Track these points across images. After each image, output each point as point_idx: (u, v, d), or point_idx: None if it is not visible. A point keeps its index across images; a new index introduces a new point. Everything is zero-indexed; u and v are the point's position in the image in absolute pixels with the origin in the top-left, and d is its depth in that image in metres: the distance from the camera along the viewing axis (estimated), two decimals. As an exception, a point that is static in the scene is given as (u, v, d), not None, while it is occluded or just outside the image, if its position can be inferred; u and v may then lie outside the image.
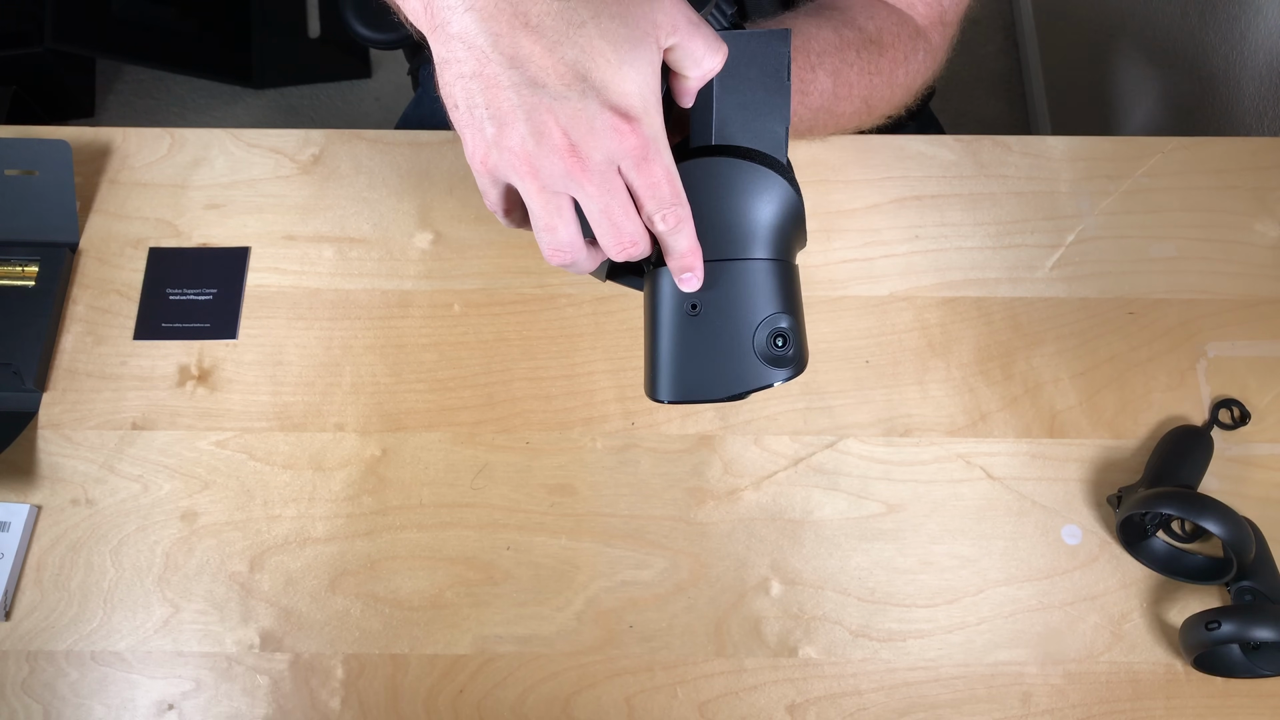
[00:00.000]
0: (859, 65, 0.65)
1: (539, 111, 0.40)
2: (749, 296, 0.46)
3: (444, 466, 0.72)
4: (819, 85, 0.64)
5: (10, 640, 0.67)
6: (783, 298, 0.46)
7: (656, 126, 0.41)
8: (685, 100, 0.45)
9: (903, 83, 0.69)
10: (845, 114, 0.67)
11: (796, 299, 0.47)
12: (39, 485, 0.71)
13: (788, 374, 0.46)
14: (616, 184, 0.42)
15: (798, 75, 0.62)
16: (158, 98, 1.77)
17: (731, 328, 0.46)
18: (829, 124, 0.67)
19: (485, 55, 0.39)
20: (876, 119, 0.70)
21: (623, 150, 0.41)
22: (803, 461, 0.72)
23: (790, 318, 0.46)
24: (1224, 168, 0.82)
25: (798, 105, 0.63)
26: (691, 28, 0.40)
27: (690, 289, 0.46)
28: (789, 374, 0.46)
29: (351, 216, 0.80)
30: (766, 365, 0.46)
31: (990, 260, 0.79)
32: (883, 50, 0.66)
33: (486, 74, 0.40)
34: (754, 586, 0.69)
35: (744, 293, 0.46)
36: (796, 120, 0.64)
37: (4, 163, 0.75)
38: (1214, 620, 0.63)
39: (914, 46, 0.68)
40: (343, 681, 0.66)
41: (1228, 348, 0.76)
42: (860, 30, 0.66)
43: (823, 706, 0.66)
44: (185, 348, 0.75)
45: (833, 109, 0.66)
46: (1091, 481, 0.72)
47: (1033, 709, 0.66)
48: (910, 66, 0.69)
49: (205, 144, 0.82)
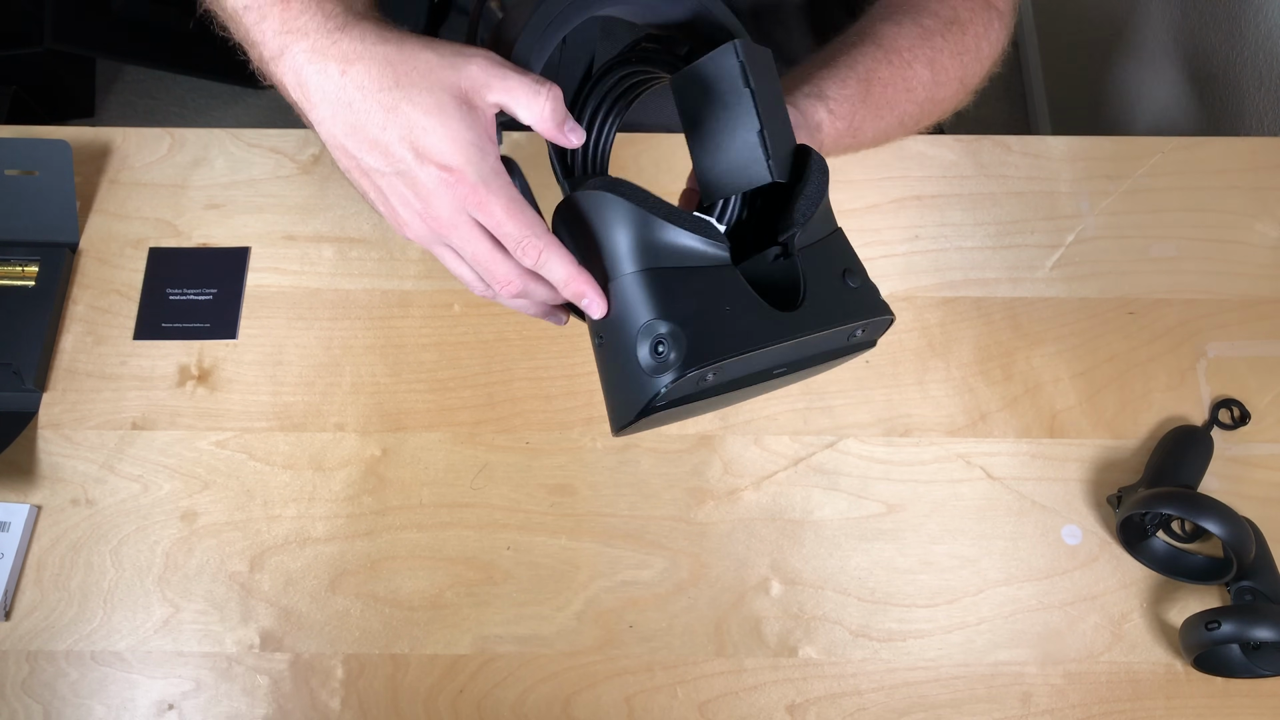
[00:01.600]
0: (948, 49, 0.67)
1: (395, 188, 0.46)
2: (625, 313, 0.46)
3: (444, 466, 0.72)
4: (920, 78, 0.66)
5: (10, 640, 0.67)
6: (656, 304, 0.45)
7: (483, 171, 0.44)
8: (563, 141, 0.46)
9: (988, 54, 0.71)
10: (946, 99, 0.69)
11: (678, 300, 0.45)
12: (39, 485, 0.71)
13: (670, 377, 0.44)
14: (474, 232, 0.46)
15: (900, 75, 0.65)
16: (158, 98, 1.77)
17: (622, 347, 0.46)
18: (934, 111, 0.69)
19: (346, 151, 0.46)
20: (970, 96, 0.72)
21: (458, 199, 0.45)
22: (803, 461, 0.72)
23: (669, 322, 0.44)
24: (1224, 168, 0.82)
25: (907, 104, 0.65)
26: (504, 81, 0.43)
27: (596, 315, 0.47)
28: (671, 377, 0.44)
29: (351, 216, 0.80)
30: (651, 376, 0.45)
31: (990, 260, 0.79)
32: (964, 29, 0.68)
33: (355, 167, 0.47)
34: (754, 586, 0.69)
35: (622, 311, 0.46)
36: (909, 119, 0.66)
37: (4, 163, 0.75)
38: (1214, 620, 0.63)
39: (989, 18, 0.70)
40: (343, 681, 0.66)
41: (1228, 348, 0.76)
42: (937, 16, 0.68)
43: (823, 706, 0.66)
44: (185, 348, 0.75)
45: (935, 97, 0.67)
46: (1091, 481, 0.72)
47: (1033, 709, 0.66)
48: (991, 37, 0.71)
49: (205, 144, 0.82)
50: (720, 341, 0.44)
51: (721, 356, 0.44)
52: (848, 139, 0.63)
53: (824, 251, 0.49)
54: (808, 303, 0.46)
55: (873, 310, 0.49)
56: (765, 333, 0.45)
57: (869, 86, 0.63)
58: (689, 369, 0.43)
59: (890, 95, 0.65)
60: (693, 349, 0.44)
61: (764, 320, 0.45)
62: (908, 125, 0.67)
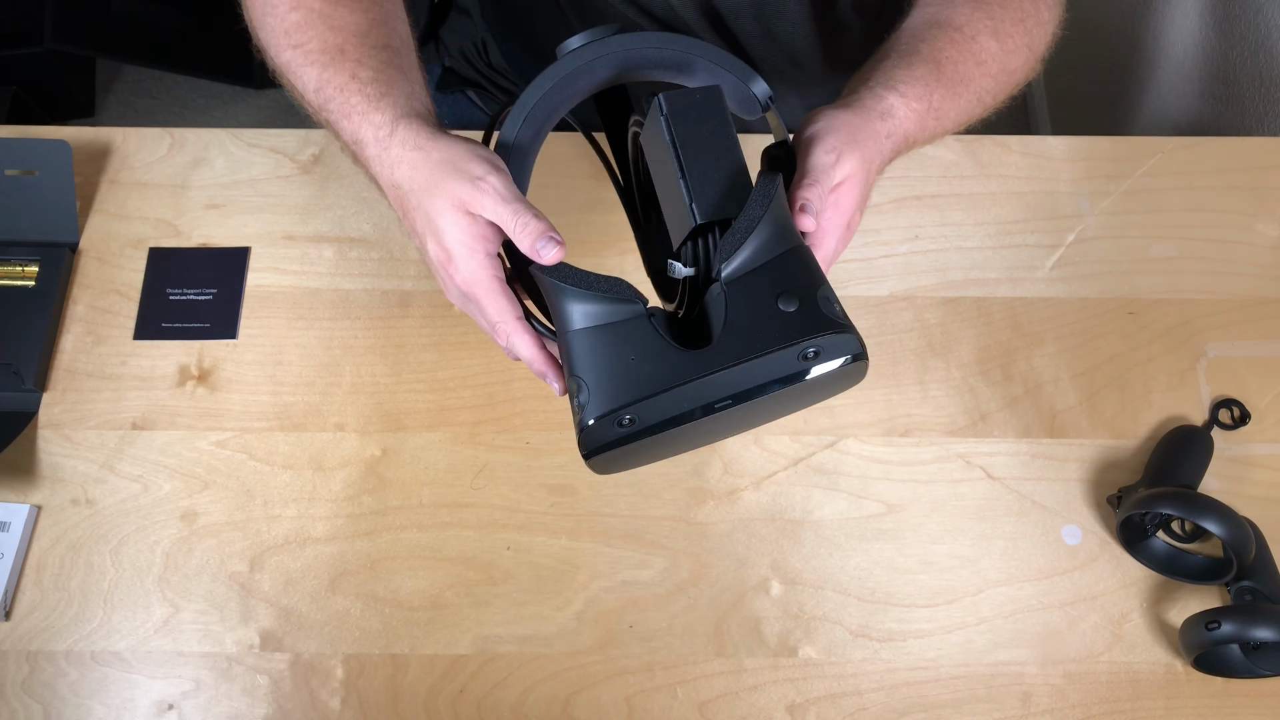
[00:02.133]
0: (1009, 17, 0.67)
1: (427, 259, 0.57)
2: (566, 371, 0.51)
3: (444, 466, 0.72)
4: (987, 50, 0.65)
5: (10, 640, 0.67)
6: (572, 362, 0.50)
7: (470, 266, 0.53)
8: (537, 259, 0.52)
9: (1048, 18, 0.70)
10: (1018, 68, 0.68)
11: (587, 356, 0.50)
12: (39, 485, 0.71)
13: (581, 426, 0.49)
14: (472, 308, 0.56)
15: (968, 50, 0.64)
16: (158, 98, 1.77)
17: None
18: (1009, 83, 0.68)
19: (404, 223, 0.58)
20: (1039, 63, 0.71)
21: (456, 285, 0.55)
22: (803, 461, 0.72)
23: (578, 377, 0.50)
24: (1224, 168, 0.82)
25: (981, 77, 0.65)
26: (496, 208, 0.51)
27: (557, 392, 0.56)
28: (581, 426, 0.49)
29: (351, 216, 0.80)
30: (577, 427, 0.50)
31: (990, 260, 0.79)
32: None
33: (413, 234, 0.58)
34: (754, 586, 0.69)
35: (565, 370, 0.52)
36: (986, 94, 0.66)
37: (4, 163, 0.75)
38: (1214, 620, 0.63)
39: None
40: (343, 681, 0.66)
41: (1228, 348, 0.76)
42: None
43: (823, 706, 0.66)
44: (185, 348, 0.75)
45: (1007, 67, 0.67)
46: (1091, 481, 0.72)
47: (1033, 709, 0.66)
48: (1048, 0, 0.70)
49: (205, 144, 0.82)
50: (624, 390, 0.48)
51: (624, 403, 0.48)
52: (931, 121, 0.62)
53: (762, 277, 0.49)
54: (724, 335, 0.48)
55: (809, 331, 0.48)
56: (671, 374, 0.48)
57: (939, 66, 0.63)
58: (593, 417, 0.49)
59: (962, 71, 0.64)
60: (594, 400, 0.49)
61: (670, 362, 0.48)
62: (986, 100, 0.66)
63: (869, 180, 0.58)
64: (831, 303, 0.49)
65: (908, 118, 0.60)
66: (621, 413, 0.48)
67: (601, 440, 0.50)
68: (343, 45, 0.59)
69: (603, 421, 0.49)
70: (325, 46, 0.59)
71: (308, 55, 0.59)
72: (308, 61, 0.59)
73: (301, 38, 0.60)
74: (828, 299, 0.49)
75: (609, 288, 0.50)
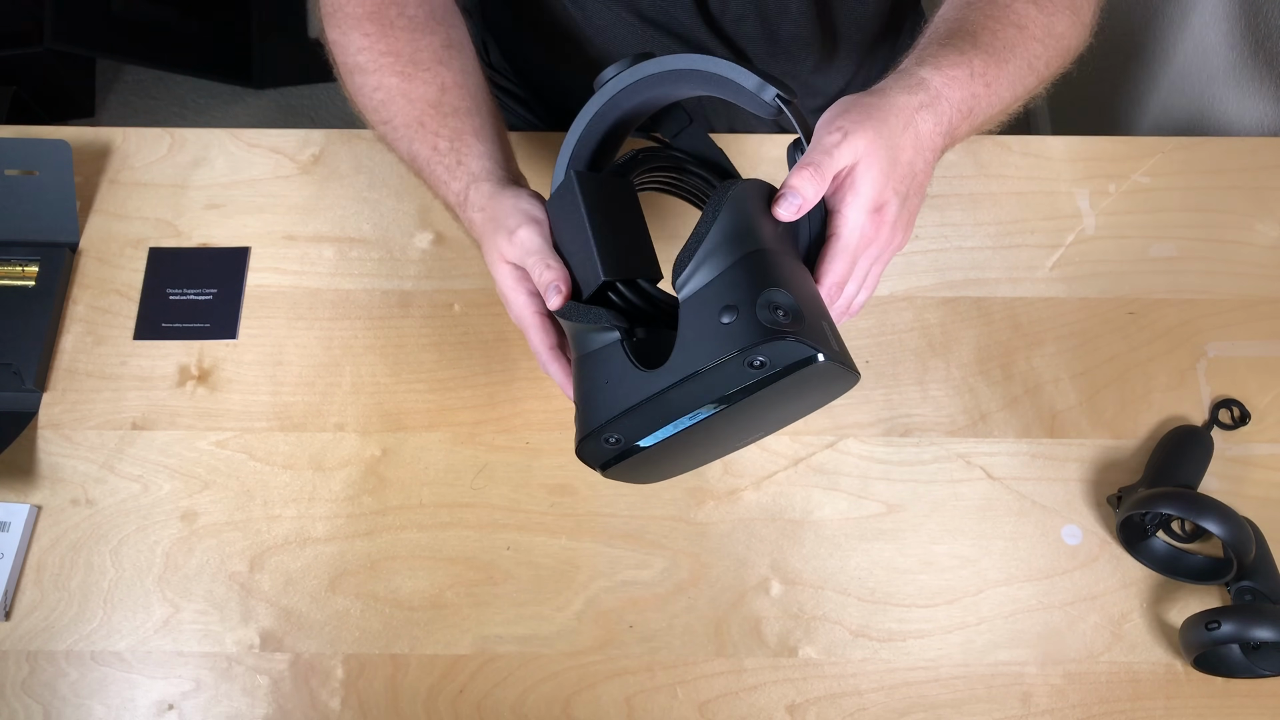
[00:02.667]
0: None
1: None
2: None
3: (444, 466, 0.72)
4: (1025, 14, 0.63)
5: (10, 640, 0.67)
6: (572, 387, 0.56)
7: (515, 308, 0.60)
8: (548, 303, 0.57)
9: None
10: (1064, 31, 0.66)
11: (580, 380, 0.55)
12: (39, 485, 0.71)
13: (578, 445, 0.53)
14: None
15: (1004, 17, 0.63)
16: (158, 98, 1.77)
17: None
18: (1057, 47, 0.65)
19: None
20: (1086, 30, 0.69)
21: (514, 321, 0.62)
22: (803, 461, 0.72)
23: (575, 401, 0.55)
24: (1224, 168, 0.82)
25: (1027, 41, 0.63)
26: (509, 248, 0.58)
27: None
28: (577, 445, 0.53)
29: (352, 216, 0.80)
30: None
31: (990, 260, 0.79)
32: None
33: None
34: (754, 586, 0.69)
35: None
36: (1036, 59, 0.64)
37: (4, 163, 0.75)
38: (1214, 620, 0.63)
39: None
40: (343, 681, 0.66)
41: (1228, 348, 0.76)
42: None
43: (823, 706, 0.66)
44: (185, 348, 0.75)
45: (1052, 31, 0.65)
46: (1091, 481, 0.72)
47: (1033, 709, 0.66)
48: None
49: (205, 144, 0.82)
50: (598, 411, 0.52)
51: (598, 424, 0.51)
52: (980, 87, 0.59)
53: (711, 290, 0.50)
54: (676, 353, 0.50)
55: (745, 341, 0.48)
56: (631, 394, 0.50)
57: (974, 35, 0.61)
58: (579, 437, 0.53)
59: (1003, 37, 0.62)
60: (582, 421, 0.53)
61: (631, 383, 0.51)
62: (1038, 66, 0.64)
63: (900, 159, 0.55)
64: (775, 307, 0.48)
65: (947, 85, 0.58)
66: (603, 432, 0.51)
67: (598, 458, 0.53)
68: (421, 118, 0.65)
69: (589, 441, 0.52)
70: (407, 121, 0.65)
71: (394, 130, 0.66)
72: (396, 136, 0.66)
73: (386, 114, 0.66)
74: (771, 304, 0.49)
75: (591, 318, 0.53)
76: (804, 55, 0.83)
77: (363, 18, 0.67)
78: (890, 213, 0.55)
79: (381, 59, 0.66)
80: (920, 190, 0.58)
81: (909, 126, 0.56)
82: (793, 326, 0.48)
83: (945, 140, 0.59)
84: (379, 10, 0.67)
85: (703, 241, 0.51)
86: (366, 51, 0.67)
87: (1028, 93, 0.65)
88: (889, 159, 0.55)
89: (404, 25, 0.67)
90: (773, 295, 0.49)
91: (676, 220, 0.77)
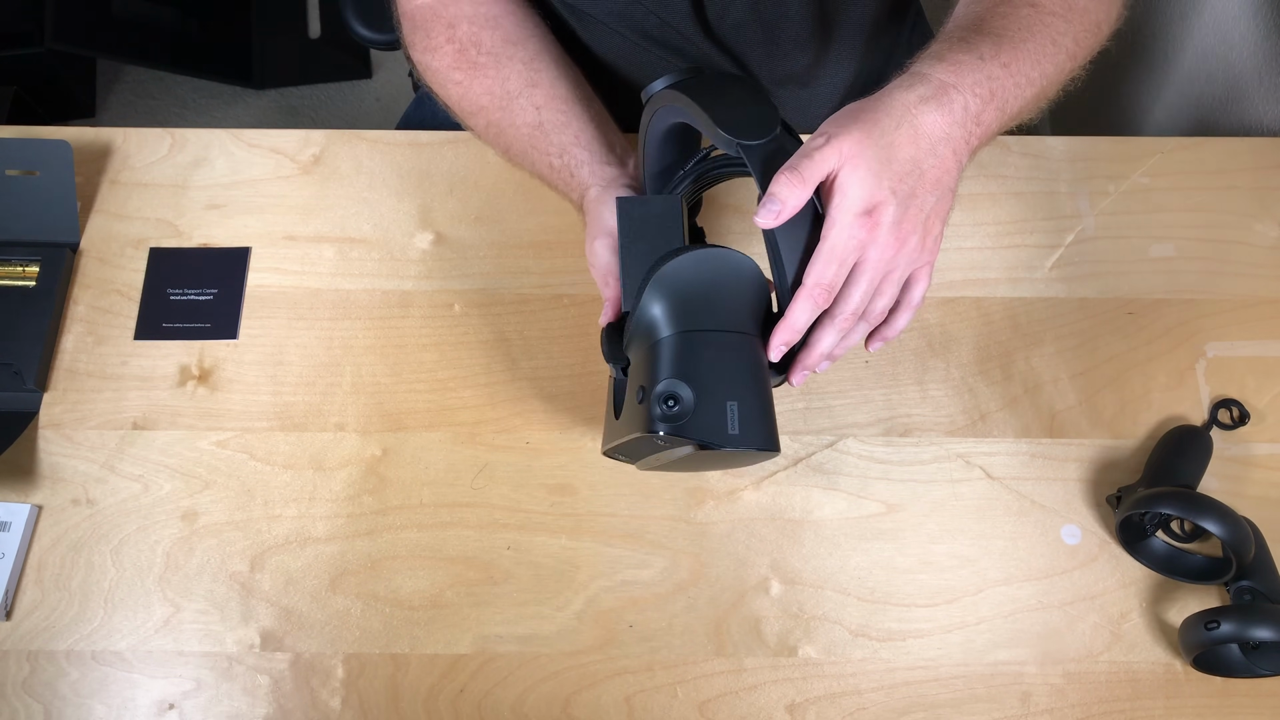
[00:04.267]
0: None
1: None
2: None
3: (444, 466, 0.72)
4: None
5: (11, 640, 0.67)
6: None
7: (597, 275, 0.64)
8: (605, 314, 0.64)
9: None
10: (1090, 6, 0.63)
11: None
12: (40, 485, 0.71)
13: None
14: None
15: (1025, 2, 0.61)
16: (158, 98, 1.77)
17: None
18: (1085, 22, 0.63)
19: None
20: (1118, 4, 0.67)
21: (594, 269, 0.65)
22: (802, 461, 0.72)
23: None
24: (1224, 168, 0.82)
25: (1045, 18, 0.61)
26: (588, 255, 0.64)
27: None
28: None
29: (352, 217, 0.80)
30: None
31: (990, 260, 0.79)
32: None
33: None
34: (754, 586, 0.69)
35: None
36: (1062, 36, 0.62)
37: (5, 163, 0.75)
38: (1213, 620, 0.63)
39: None
40: (343, 681, 0.66)
41: (1227, 348, 0.76)
42: None
43: (822, 706, 0.66)
44: (186, 348, 0.75)
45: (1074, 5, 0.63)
46: (1091, 481, 0.72)
47: (1032, 709, 0.66)
48: None
49: (206, 144, 0.82)
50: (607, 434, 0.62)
51: (604, 448, 0.62)
52: (997, 69, 0.57)
53: (635, 369, 0.58)
54: (620, 415, 0.59)
55: (639, 427, 0.55)
56: (609, 435, 0.62)
57: (978, 23, 0.59)
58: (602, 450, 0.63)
59: (1016, 19, 0.60)
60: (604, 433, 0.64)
61: (611, 425, 0.61)
62: (1064, 43, 0.61)
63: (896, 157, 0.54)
64: (668, 399, 0.54)
65: (952, 73, 0.55)
66: (609, 450, 0.62)
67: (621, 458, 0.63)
68: (531, 142, 0.70)
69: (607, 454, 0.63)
70: (523, 150, 0.71)
71: (509, 155, 0.72)
72: (512, 160, 0.72)
73: (497, 143, 0.72)
74: (666, 395, 0.54)
75: (604, 352, 0.61)
76: (803, 55, 0.83)
77: (450, 69, 0.72)
78: (887, 214, 0.54)
79: (479, 100, 0.71)
80: (935, 188, 0.55)
81: (905, 123, 0.54)
82: (678, 418, 0.54)
83: (968, 130, 0.56)
84: (460, 58, 0.71)
85: (630, 319, 0.58)
86: (466, 99, 0.72)
87: (1060, 71, 0.62)
88: (879, 158, 0.53)
89: (485, 63, 0.71)
90: (670, 387, 0.54)
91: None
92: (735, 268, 0.56)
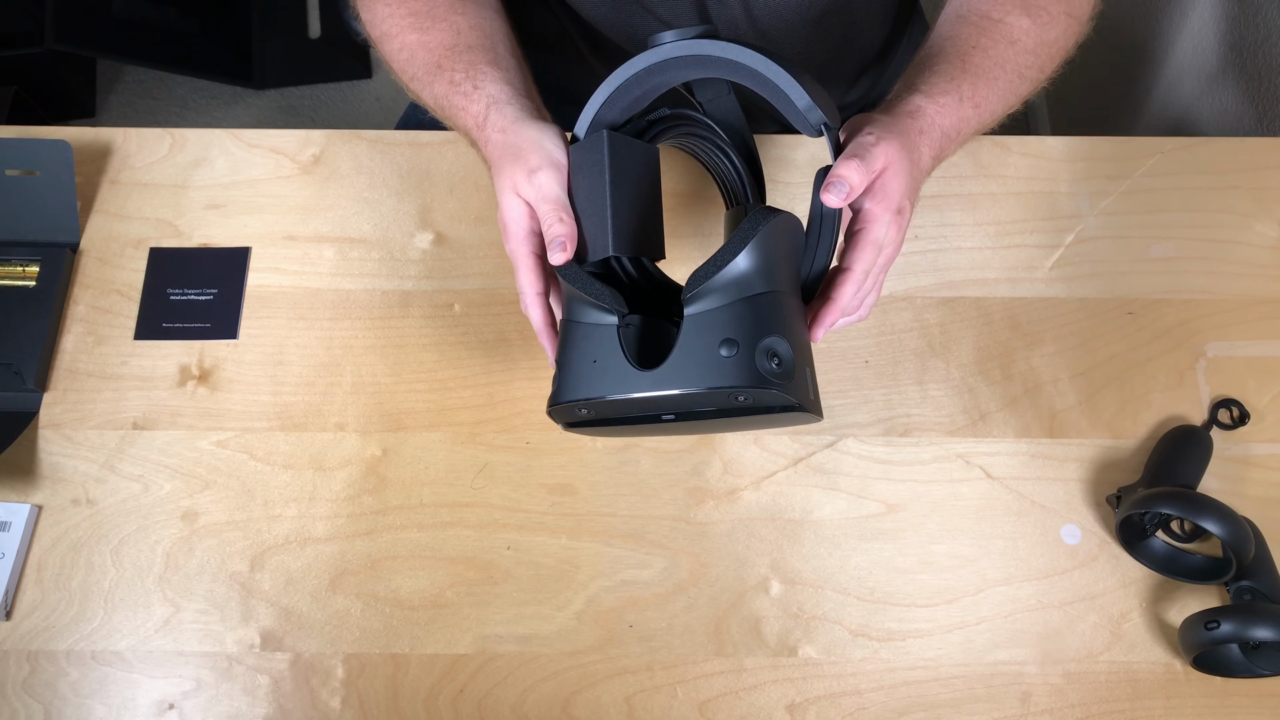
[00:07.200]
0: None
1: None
2: None
3: (444, 466, 0.72)
4: (1019, 27, 0.66)
5: (11, 640, 0.67)
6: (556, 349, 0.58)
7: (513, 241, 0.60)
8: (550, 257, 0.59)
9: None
10: (1058, 38, 0.68)
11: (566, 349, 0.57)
12: (40, 485, 0.71)
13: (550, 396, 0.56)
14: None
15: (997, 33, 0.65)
16: (158, 98, 1.77)
17: None
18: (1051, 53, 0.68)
19: None
20: (1086, 25, 0.70)
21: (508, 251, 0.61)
22: (802, 461, 0.72)
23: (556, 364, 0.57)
24: (1224, 168, 0.82)
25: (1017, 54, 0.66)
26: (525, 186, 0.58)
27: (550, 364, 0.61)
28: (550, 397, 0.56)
29: (352, 217, 0.80)
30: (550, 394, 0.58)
31: (990, 260, 0.79)
32: None
33: None
34: (754, 586, 0.69)
35: None
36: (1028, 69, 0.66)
37: (5, 163, 0.75)
38: (1213, 620, 0.63)
39: None
40: (343, 681, 0.66)
41: (1227, 348, 0.76)
42: None
43: (822, 706, 0.66)
44: (186, 348, 0.75)
45: (1044, 39, 0.67)
46: (1091, 481, 0.72)
47: (1032, 708, 0.66)
48: None
49: (206, 144, 0.82)
50: (581, 386, 0.54)
51: (580, 398, 0.54)
52: (969, 110, 0.63)
53: (717, 317, 0.53)
54: (670, 364, 0.52)
55: (736, 381, 0.51)
56: (620, 384, 0.53)
57: (964, 58, 0.64)
58: (554, 402, 0.56)
59: (994, 55, 0.65)
60: (558, 388, 0.55)
61: (623, 374, 0.54)
62: (1030, 75, 0.66)
63: (914, 173, 0.59)
64: (772, 356, 0.52)
65: (938, 113, 0.61)
66: (580, 403, 0.54)
67: (566, 419, 0.57)
68: (439, 62, 0.66)
69: (562, 407, 0.55)
70: (428, 67, 0.67)
71: (419, 81, 0.68)
72: (420, 86, 0.68)
73: (412, 69, 0.69)
74: (770, 352, 0.52)
75: (593, 293, 0.54)
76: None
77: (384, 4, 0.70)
78: (906, 218, 0.59)
79: (402, 20, 0.69)
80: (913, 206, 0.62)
81: (917, 146, 0.60)
82: (782, 379, 0.52)
83: (934, 164, 0.63)
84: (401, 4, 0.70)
85: (723, 269, 0.53)
86: (389, 19, 0.70)
87: (1020, 99, 0.67)
88: (909, 169, 0.58)
89: (420, 8, 0.69)
90: (774, 344, 0.52)
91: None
92: (801, 235, 0.57)
